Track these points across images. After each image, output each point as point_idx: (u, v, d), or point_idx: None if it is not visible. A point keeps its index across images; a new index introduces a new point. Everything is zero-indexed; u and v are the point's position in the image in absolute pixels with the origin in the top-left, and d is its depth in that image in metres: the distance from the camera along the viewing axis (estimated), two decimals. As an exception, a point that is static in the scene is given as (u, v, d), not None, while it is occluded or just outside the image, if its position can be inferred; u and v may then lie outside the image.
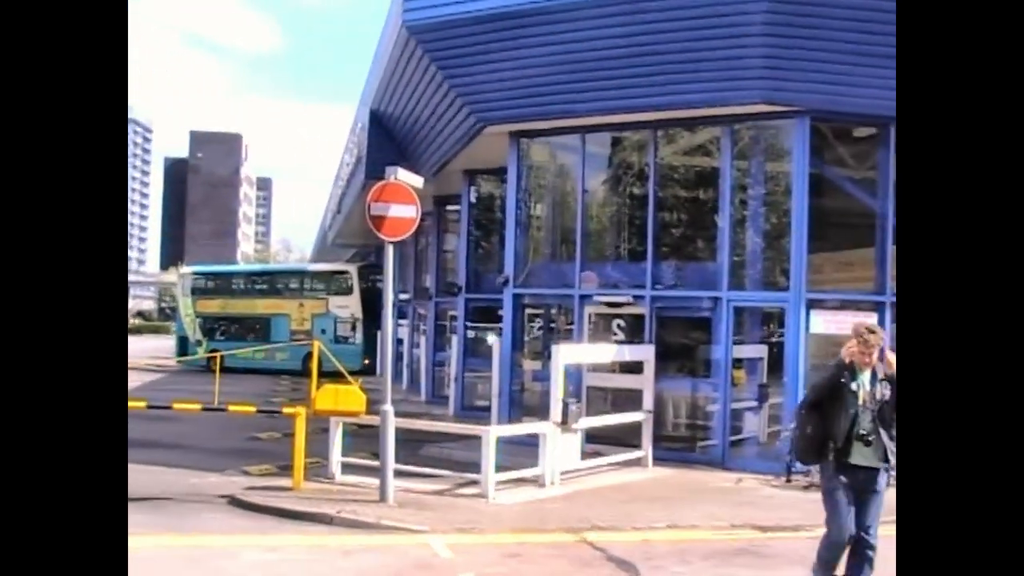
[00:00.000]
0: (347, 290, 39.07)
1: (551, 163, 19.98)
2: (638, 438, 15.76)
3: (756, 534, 11.27)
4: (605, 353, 16.90)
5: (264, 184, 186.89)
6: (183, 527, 10.92)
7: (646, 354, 16.16)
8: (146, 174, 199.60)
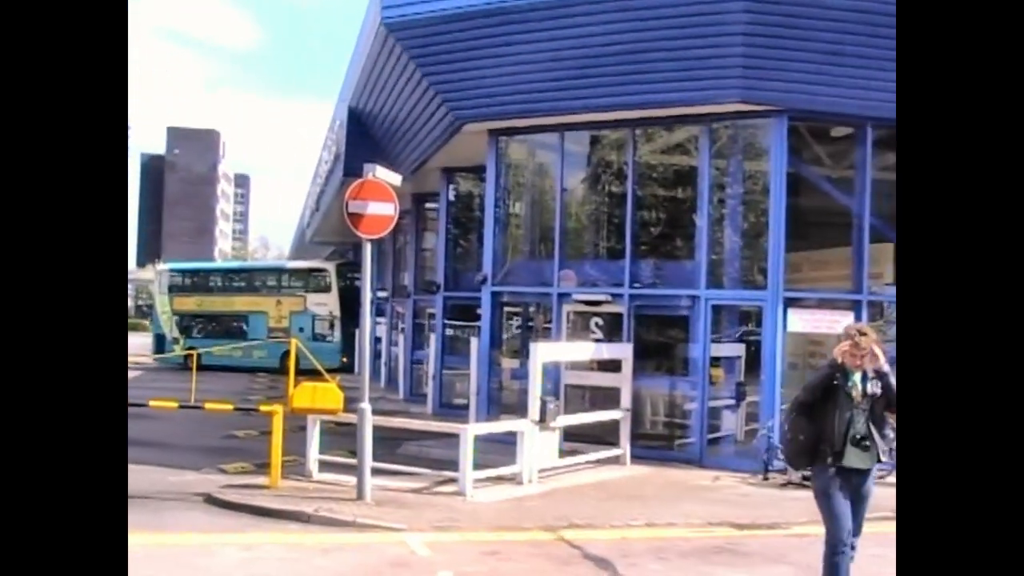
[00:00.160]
0: (325, 288, 38.97)
1: (530, 161, 20.00)
2: (616, 436, 15.79)
3: (733, 532, 11.31)
4: (583, 351, 16.92)
5: (242, 181, 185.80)
6: (160, 525, 10.86)
7: (624, 352, 16.19)
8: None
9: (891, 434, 7.74)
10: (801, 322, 15.61)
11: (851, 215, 16.04)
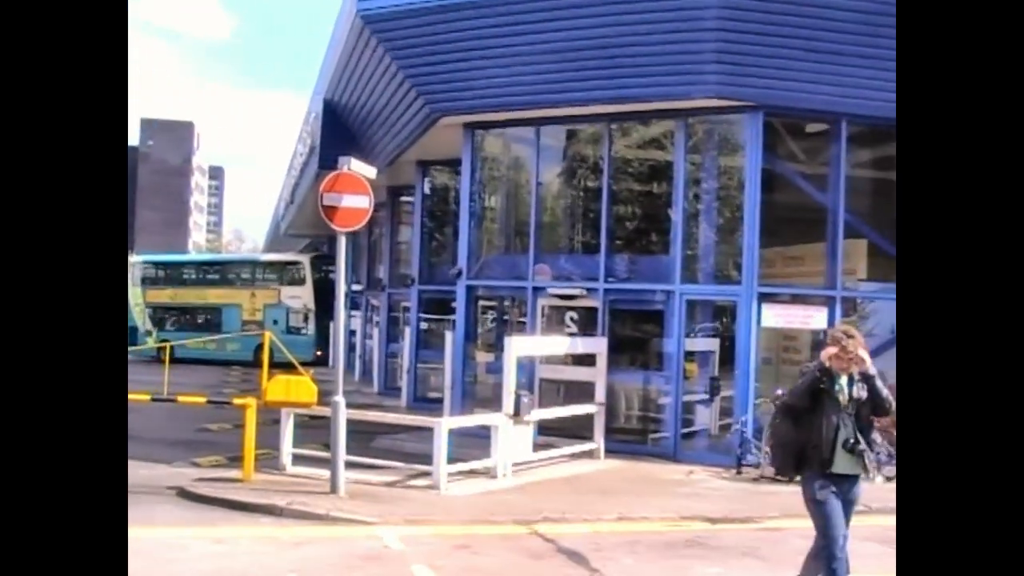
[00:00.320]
0: (300, 281, 38.84)
1: (505, 155, 19.97)
2: (590, 430, 15.81)
3: (706, 526, 11.36)
4: (558, 345, 16.93)
5: (216, 173, 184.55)
6: (132, 519, 10.68)
7: (599, 346, 16.21)
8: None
9: (877, 438, 7.58)
10: (775, 317, 15.67)
11: (825, 211, 16.10)
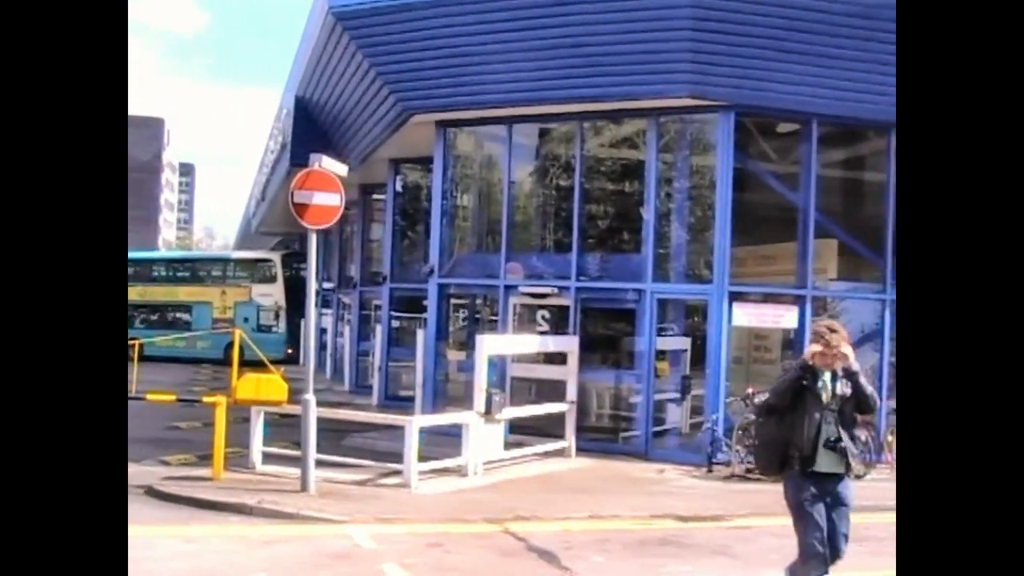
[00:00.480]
0: (270, 278, 38.63)
1: (477, 153, 19.95)
2: (562, 429, 15.81)
3: (677, 524, 11.37)
4: (529, 344, 16.94)
5: (187, 170, 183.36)
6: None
7: (570, 345, 16.21)
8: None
9: (861, 436, 7.51)
10: (746, 316, 15.73)
11: (795, 210, 16.19)
